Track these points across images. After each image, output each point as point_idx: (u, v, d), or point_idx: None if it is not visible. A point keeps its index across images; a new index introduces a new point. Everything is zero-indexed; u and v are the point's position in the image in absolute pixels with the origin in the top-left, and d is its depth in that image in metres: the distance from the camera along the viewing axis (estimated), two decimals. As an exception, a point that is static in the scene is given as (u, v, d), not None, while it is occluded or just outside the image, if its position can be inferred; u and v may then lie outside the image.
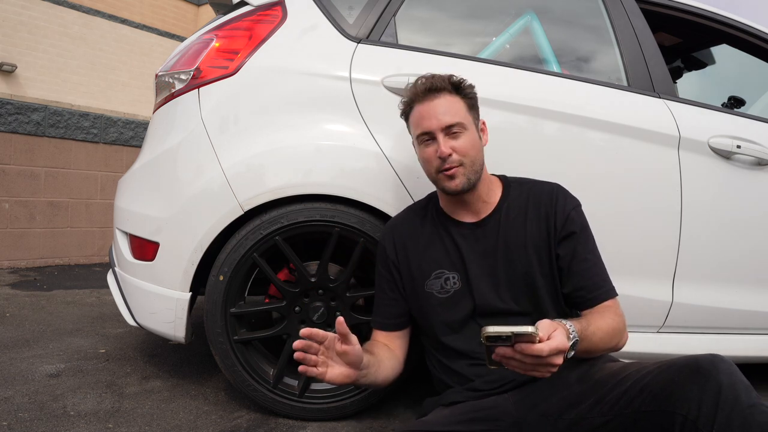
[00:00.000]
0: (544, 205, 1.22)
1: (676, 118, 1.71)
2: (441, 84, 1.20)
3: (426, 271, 1.25)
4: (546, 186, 1.26)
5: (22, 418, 1.47)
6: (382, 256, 1.31)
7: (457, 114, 1.19)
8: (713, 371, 0.87)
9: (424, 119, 1.20)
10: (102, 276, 3.98)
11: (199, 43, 1.62)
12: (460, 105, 1.20)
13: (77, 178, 4.59)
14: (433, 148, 1.19)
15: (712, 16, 1.95)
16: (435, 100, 1.19)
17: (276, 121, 1.51)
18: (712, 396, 0.85)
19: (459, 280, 1.22)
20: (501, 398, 1.10)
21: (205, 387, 1.77)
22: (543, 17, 1.83)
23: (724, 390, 0.84)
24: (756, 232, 1.78)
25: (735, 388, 0.85)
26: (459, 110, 1.19)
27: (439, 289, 1.23)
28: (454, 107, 1.19)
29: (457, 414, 1.08)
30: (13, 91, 4.61)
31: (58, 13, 5.01)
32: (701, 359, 0.90)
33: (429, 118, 1.19)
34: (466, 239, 1.24)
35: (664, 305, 1.72)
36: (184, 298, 1.50)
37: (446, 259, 1.24)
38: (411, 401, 1.69)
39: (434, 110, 1.18)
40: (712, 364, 0.88)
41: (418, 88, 1.21)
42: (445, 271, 1.23)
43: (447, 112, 1.18)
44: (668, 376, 0.92)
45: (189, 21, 8.07)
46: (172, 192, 1.53)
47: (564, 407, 1.02)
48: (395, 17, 1.64)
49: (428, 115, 1.19)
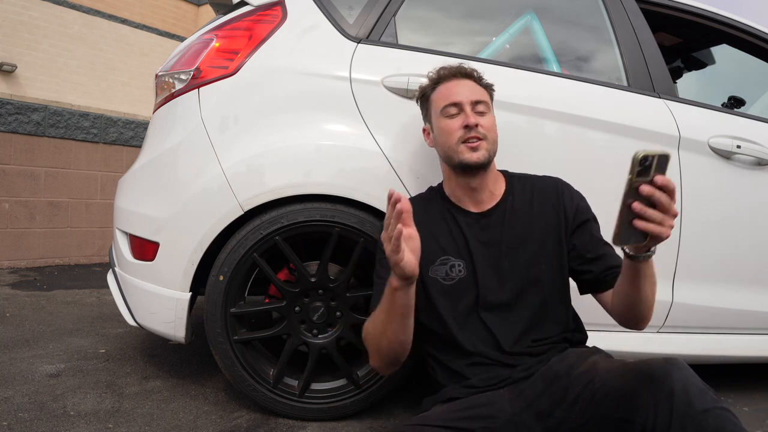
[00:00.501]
0: (550, 198, 1.24)
1: (676, 118, 1.71)
2: (468, 71, 1.28)
3: (431, 256, 1.23)
4: (549, 180, 1.29)
5: (22, 418, 1.47)
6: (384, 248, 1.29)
7: (483, 95, 1.26)
8: (666, 378, 0.86)
9: (452, 93, 1.24)
10: (102, 276, 3.98)
11: (199, 43, 1.62)
12: (484, 91, 1.28)
13: (77, 178, 4.59)
14: (458, 119, 1.22)
15: (712, 16, 1.95)
16: (463, 80, 1.26)
17: (276, 121, 1.51)
18: (666, 403, 0.84)
19: (464, 268, 1.21)
20: (497, 394, 1.11)
21: (205, 387, 1.77)
22: (543, 17, 1.83)
23: (676, 396, 0.84)
24: (756, 232, 1.78)
25: (688, 393, 0.84)
26: (484, 94, 1.27)
27: (443, 275, 1.22)
28: (480, 90, 1.27)
29: (454, 410, 1.08)
30: (13, 91, 4.61)
31: (58, 13, 5.01)
32: (654, 366, 0.90)
33: (458, 93, 1.24)
34: (471, 228, 1.24)
35: (663, 305, 1.71)
36: (184, 298, 1.50)
37: (452, 245, 1.23)
38: (410, 402, 1.69)
39: (463, 87, 1.25)
40: (664, 370, 0.88)
41: (446, 71, 1.28)
42: (451, 258, 1.22)
43: (475, 91, 1.25)
44: (627, 383, 0.92)
45: (189, 21, 8.07)
46: (172, 192, 1.53)
47: (554, 405, 1.03)
48: (395, 17, 1.64)
49: (456, 91, 1.24)
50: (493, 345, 1.17)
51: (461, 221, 1.25)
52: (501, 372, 1.14)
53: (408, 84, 1.52)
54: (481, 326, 1.19)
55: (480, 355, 1.17)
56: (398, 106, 1.52)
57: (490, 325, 1.18)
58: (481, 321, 1.18)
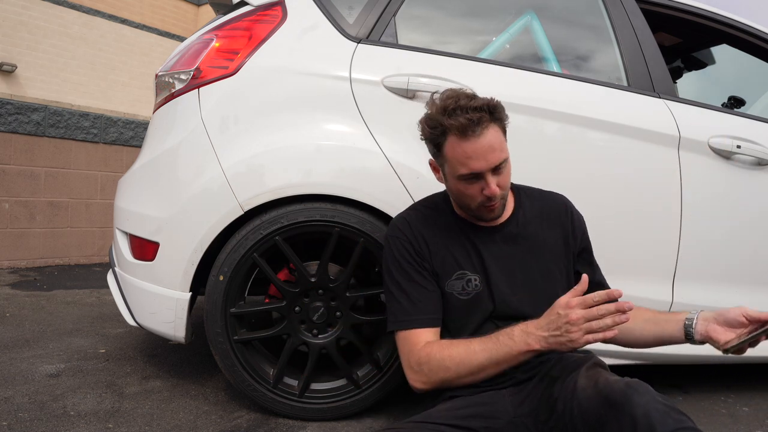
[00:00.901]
0: (559, 216, 1.28)
1: (676, 118, 1.71)
2: (482, 117, 1.10)
3: (448, 270, 1.23)
4: (557, 197, 1.32)
5: (22, 418, 1.47)
6: (408, 250, 1.23)
7: (502, 149, 1.13)
8: (626, 405, 0.86)
9: (471, 160, 1.11)
10: (102, 276, 3.98)
11: (199, 43, 1.62)
12: (501, 135, 1.14)
13: (77, 178, 4.59)
14: (478, 186, 1.14)
15: (712, 16, 1.95)
16: (480, 138, 1.10)
17: (276, 121, 1.51)
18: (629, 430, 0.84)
19: (480, 282, 1.22)
20: (499, 394, 1.11)
21: (205, 387, 1.77)
22: (543, 17, 1.83)
23: (638, 423, 0.83)
24: (756, 232, 1.78)
25: (649, 417, 0.83)
26: (502, 142, 1.14)
27: (460, 290, 1.22)
28: (497, 140, 1.12)
29: (457, 409, 1.08)
30: (13, 91, 4.61)
31: (58, 13, 5.01)
32: (615, 391, 0.89)
33: (477, 159, 1.10)
34: (484, 242, 1.24)
35: (663, 305, 1.71)
36: (184, 298, 1.50)
37: (467, 260, 1.23)
38: (411, 402, 1.69)
39: (481, 149, 1.10)
40: (625, 396, 0.87)
41: (458, 121, 1.09)
42: (467, 273, 1.22)
43: (493, 149, 1.11)
44: (595, 408, 0.91)
45: (189, 21, 8.07)
46: (172, 192, 1.53)
47: (550, 410, 1.03)
48: (395, 17, 1.64)
49: (476, 155, 1.10)
50: None
51: (473, 236, 1.25)
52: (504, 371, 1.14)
53: (408, 84, 1.52)
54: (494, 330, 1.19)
55: None
56: (398, 106, 1.52)
57: None
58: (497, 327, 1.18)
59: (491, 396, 1.11)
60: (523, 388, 1.10)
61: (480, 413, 1.07)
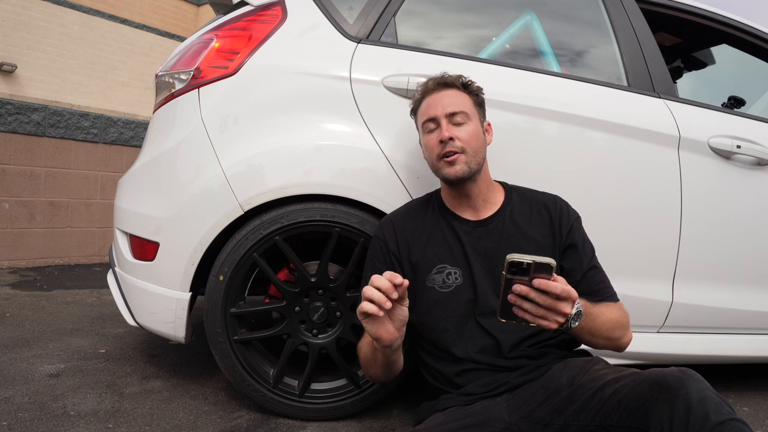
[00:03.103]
0: (549, 212, 1.26)
1: (676, 118, 1.71)
2: (450, 80, 1.27)
3: (428, 265, 1.25)
4: (549, 196, 1.30)
5: (22, 418, 1.47)
6: (382, 249, 1.30)
7: (462, 105, 1.25)
8: (681, 389, 0.86)
9: (430, 107, 1.26)
10: (102, 276, 3.98)
11: (199, 43, 1.62)
12: (467, 99, 1.27)
13: (77, 178, 4.59)
14: (436, 134, 1.24)
15: (712, 16, 1.95)
16: (443, 92, 1.27)
17: (276, 121, 1.51)
18: (682, 415, 0.84)
19: (461, 276, 1.22)
20: (494, 402, 1.10)
21: (205, 387, 1.77)
22: (543, 17, 1.83)
23: (693, 408, 0.83)
24: (756, 232, 1.78)
25: (704, 405, 0.83)
26: (464, 102, 1.26)
27: (440, 283, 1.23)
28: (460, 99, 1.26)
29: (452, 420, 1.08)
30: (13, 91, 4.61)
31: (58, 13, 5.01)
32: (669, 376, 0.89)
33: (435, 106, 1.25)
34: (468, 236, 1.24)
35: (664, 305, 1.72)
36: (184, 298, 1.50)
37: (448, 254, 1.24)
38: (409, 402, 1.70)
39: (441, 100, 1.25)
40: (680, 381, 0.87)
41: (429, 84, 1.29)
42: (447, 266, 1.23)
43: (452, 102, 1.25)
44: (641, 392, 0.91)
45: (189, 21, 8.07)
46: (172, 192, 1.53)
47: (553, 413, 1.02)
48: (395, 17, 1.64)
49: (434, 104, 1.26)
50: (493, 349, 1.17)
51: (458, 229, 1.26)
52: (498, 377, 1.14)
53: (408, 84, 1.52)
54: (480, 332, 1.18)
55: (472, 362, 1.17)
56: (398, 106, 1.52)
57: (491, 330, 1.18)
58: (480, 326, 1.18)
59: (486, 405, 1.10)
60: (519, 394, 1.09)
61: (475, 422, 1.06)
